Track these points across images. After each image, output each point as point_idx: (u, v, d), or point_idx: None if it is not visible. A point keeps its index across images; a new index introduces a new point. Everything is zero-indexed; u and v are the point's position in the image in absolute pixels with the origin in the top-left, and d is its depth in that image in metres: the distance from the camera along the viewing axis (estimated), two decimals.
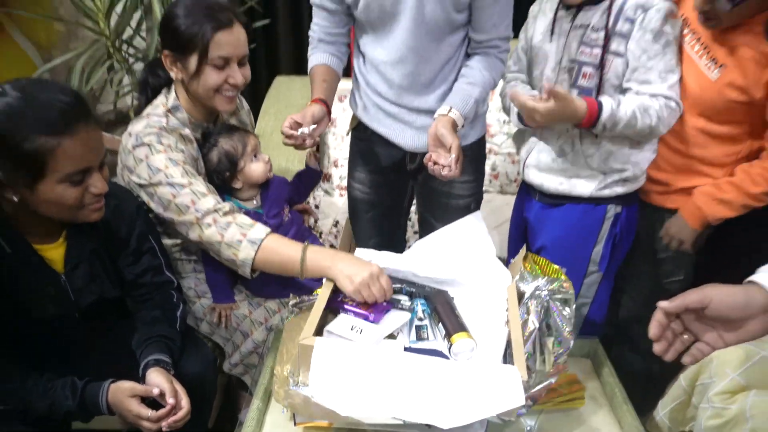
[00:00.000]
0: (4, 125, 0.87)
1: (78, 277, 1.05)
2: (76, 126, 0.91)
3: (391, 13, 1.22)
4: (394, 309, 1.09)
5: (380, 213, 1.50)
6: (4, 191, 0.92)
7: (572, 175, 1.30)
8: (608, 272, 1.37)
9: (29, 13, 1.99)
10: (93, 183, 0.96)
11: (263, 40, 2.32)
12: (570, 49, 1.25)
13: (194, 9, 1.16)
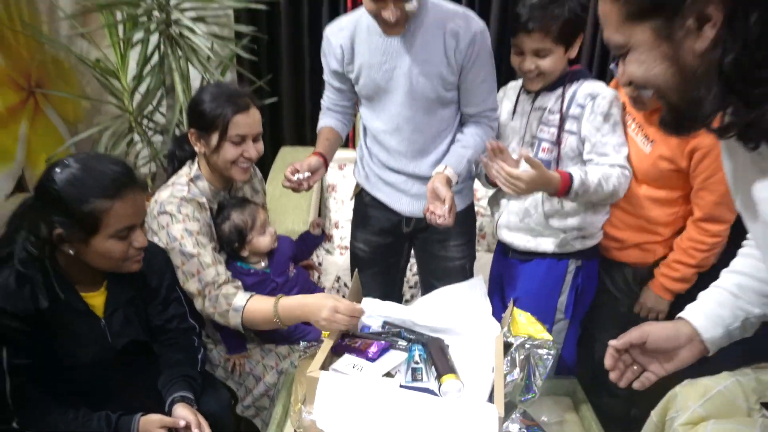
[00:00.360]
0: (68, 191, 1.05)
1: (115, 322, 1.18)
2: (125, 191, 1.08)
3: (386, 89, 1.41)
4: (392, 349, 1.23)
5: (379, 270, 1.64)
6: (63, 246, 1.08)
7: (537, 234, 1.47)
8: (574, 319, 1.52)
9: (62, 92, 2.22)
10: (136, 238, 1.12)
11: (270, 115, 2.55)
12: (531, 127, 1.44)
13: (218, 95, 1.35)
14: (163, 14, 2.06)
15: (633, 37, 0.66)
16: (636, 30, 0.65)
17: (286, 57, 2.45)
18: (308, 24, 2.41)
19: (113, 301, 1.18)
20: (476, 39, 1.34)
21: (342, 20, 1.46)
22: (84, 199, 1.04)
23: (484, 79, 1.41)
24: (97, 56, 2.28)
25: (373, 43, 1.38)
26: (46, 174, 1.08)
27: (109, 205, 1.06)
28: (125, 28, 2.13)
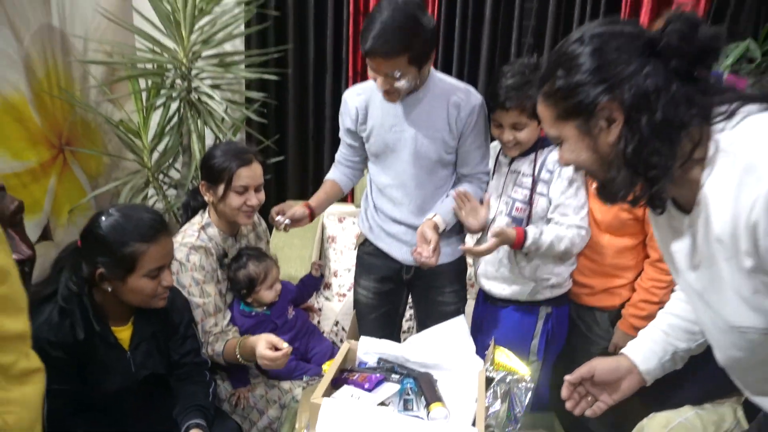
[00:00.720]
0: (112, 235, 1.23)
1: (139, 354, 1.32)
2: (159, 236, 1.26)
3: (393, 148, 1.57)
4: (386, 381, 1.37)
5: (379, 315, 1.77)
6: (103, 283, 1.24)
7: (511, 283, 1.61)
8: (546, 361, 1.65)
9: (88, 149, 2.42)
10: (164, 277, 1.29)
11: (276, 172, 2.77)
12: (507, 188, 1.60)
13: (227, 152, 1.57)
14: (185, 83, 2.30)
15: (563, 132, 0.83)
16: (565, 127, 0.83)
17: (292, 120, 2.69)
18: (313, 91, 2.66)
19: (138, 335, 1.33)
20: (475, 110, 1.53)
21: (360, 86, 1.64)
22: (125, 242, 1.22)
23: (480, 145, 1.58)
24: (120, 117, 2.51)
25: (385, 107, 1.55)
26: (93, 221, 1.26)
27: (146, 248, 1.23)
28: (149, 95, 2.36)
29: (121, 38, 2.51)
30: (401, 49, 1.35)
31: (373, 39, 1.34)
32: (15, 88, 2.00)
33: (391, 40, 1.34)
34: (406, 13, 1.35)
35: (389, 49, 1.35)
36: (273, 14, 2.52)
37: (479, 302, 1.79)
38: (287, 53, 2.58)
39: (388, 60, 1.37)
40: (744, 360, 0.85)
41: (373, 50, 1.36)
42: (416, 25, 1.36)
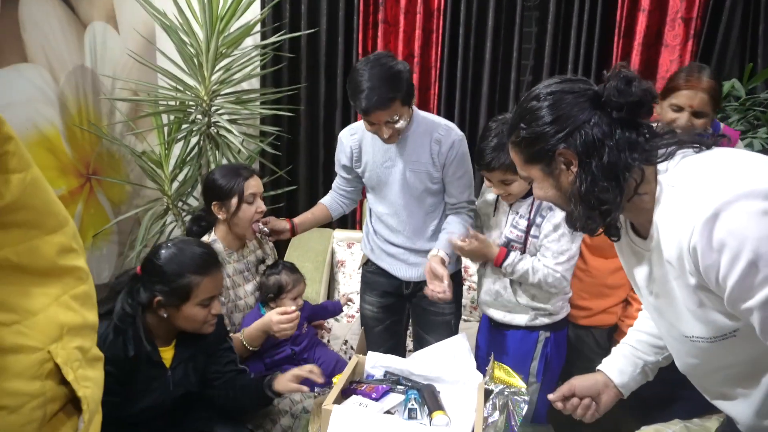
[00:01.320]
0: (170, 267, 1.34)
1: (178, 373, 1.42)
2: (212, 269, 1.39)
3: (385, 182, 1.75)
4: (392, 392, 1.47)
5: (384, 328, 1.91)
6: (159, 309, 1.36)
7: (509, 310, 1.69)
8: (544, 383, 1.70)
9: (113, 178, 2.59)
10: (214, 306, 1.40)
11: (288, 201, 2.92)
12: (506, 226, 1.66)
13: (226, 172, 1.73)
14: (205, 118, 2.48)
15: (531, 173, 0.96)
16: (532, 169, 0.96)
17: (303, 152, 2.86)
18: (323, 126, 2.84)
19: (179, 356, 1.44)
20: (455, 145, 1.68)
21: (353, 126, 1.80)
22: (182, 273, 1.34)
23: (461, 176, 1.72)
24: (143, 149, 2.68)
25: (376, 146, 1.72)
26: (153, 252, 1.38)
27: (200, 279, 1.35)
28: (171, 129, 2.54)
29: (145, 77, 2.71)
30: (393, 95, 1.51)
31: (367, 98, 1.50)
32: (50, 123, 2.17)
33: (382, 92, 1.50)
34: (382, 65, 1.52)
35: (384, 100, 1.50)
36: (287, 56, 2.72)
37: (482, 326, 1.87)
38: (300, 91, 2.77)
39: (386, 109, 1.52)
40: (699, 367, 0.95)
41: (370, 107, 1.51)
42: (396, 71, 1.53)
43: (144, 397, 1.37)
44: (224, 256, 1.73)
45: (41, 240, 0.60)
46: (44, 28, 2.10)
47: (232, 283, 1.76)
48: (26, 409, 0.58)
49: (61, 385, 0.64)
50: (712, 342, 0.87)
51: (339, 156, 1.82)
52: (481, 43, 2.68)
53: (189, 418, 1.52)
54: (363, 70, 1.53)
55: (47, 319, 0.62)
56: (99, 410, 0.71)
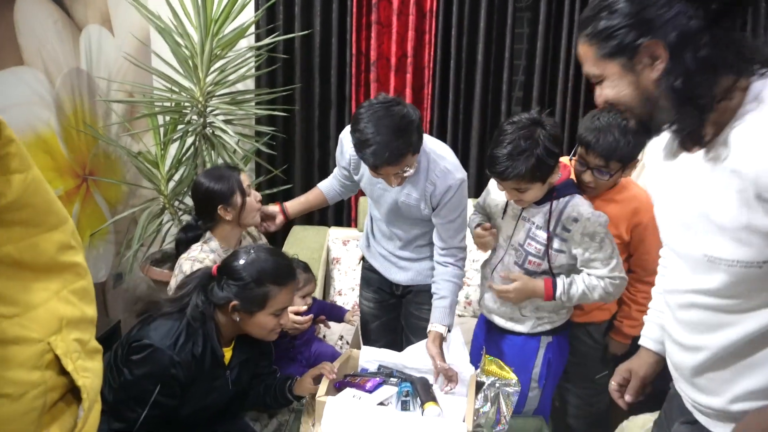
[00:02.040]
0: (251, 274, 1.35)
1: (235, 373, 1.45)
2: (289, 281, 1.41)
3: (377, 200, 1.71)
4: (385, 384, 1.51)
5: (382, 322, 1.94)
6: (233, 314, 1.37)
7: (510, 318, 1.65)
8: (546, 387, 1.68)
9: (110, 179, 2.61)
10: (284, 317, 1.43)
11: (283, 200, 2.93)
12: (518, 235, 1.56)
13: (216, 176, 1.71)
14: (201, 119, 2.50)
15: (606, 70, 0.88)
16: (608, 65, 0.87)
17: (299, 151, 2.89)
18: (318, 125, 2.87)
19: (237, 357, 1.47)
20: (450, 190, 1.57)
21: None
22: (261, 282, 1.36)
23: (453, 220, 1.62)
24: (139, 149, 2.71)
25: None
26: (233, 257, 1.40)
27: (278, 290, 1.37)
28: (167, 130, 2.56)
29: (140, 79, 2.74)
30: (405, 149, 1.42)
31: (376, 155, 1.39)
32: (46, 125, 2.20)
33: (393, 147, 1.38)
34: (392, 116, 1.40)
35: (395, 156, 1.41)
36: (282, 57, 2.74)
37: (480, 325, 1.84)
38: (294, 91, 2.79)
39: (396, 165, 1.44)
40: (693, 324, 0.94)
41: (380, 163, 1.42)
42: (407, 122, 1.41)
43: (205, 397, 1.38)
44: (220, 253, 1.76)
45: (41, 237, 0.63)
46: (39, 31, 2.12)
47: None
48: (28, 397, 0.61)
49: (60, 375, 0.67)
50: (730, 266, 0.84)
51: (339, 156, 1.77)
52: (473, 43, 2.71)
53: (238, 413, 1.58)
54: (370, 121, 1.40)
55: (47, 312, 0.65)
56: (98, 400, 0.74)
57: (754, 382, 0.88)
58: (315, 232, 2.72)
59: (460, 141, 2.83)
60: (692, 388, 1.00)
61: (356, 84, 2.80)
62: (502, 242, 1.63)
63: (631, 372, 1.20)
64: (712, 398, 0.95)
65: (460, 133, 2.83)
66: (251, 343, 1.49)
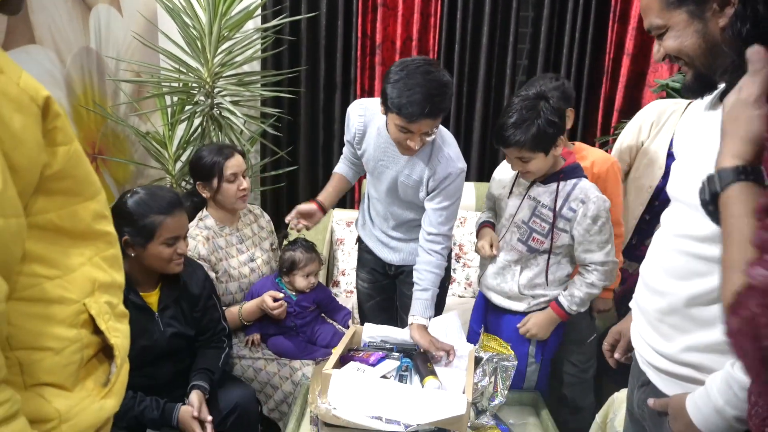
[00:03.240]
0: (135, 208, 1.45)
1: (166, 315, 1.54)
2: (174, 210, 1.49)
3: (378, 176, 1.72)
4: (387, 358, 1.57)
5: (376, 302, 1.99)
6: (128, 249, 1.46)
7: (508, 297, 1.69)
8: (544, 361, 1.74)
9: (118, 158, 2.66)
10: (179, 246, 1.51)
11: (288, 181, 3.00)
12: (522, 213, 1.61)
13: (211, 151, 1.81)
14: (208, 100, 2.54)
15: (671, 19, 0.87)
16: (674, 14, 0.86)
17: (304, 133, 2.93)
18: (323, 107, 2.90)
19: (164, 300, 1.55)
20: (449, 177, 1.60)
21: (363, 105, 1.70)
22: (146, 214, 1.45)
23: (445, 207, 1.64)
24: (147, 129, 2.75)
25: (378, 142, 1.67)
26: (120, 198, 1.50)
27: (163, 218, 1.46)
28: (175, 110, 2.60)
29: (148, 59, 2.76)
30: (443, 107, 1.47)
31: (420, 105, 1.41)
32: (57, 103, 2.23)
33: (436, 101, 1.42)
34: (435, 74, 1.44)
35: (436, 110, 1.44)
36: (288, 39, 2.77)
37: (479, 303, 1.88)
38: (300, 73, 2.83)
39: (434, 119, 1.46)
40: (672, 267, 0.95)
41: (422, 114, 1.42)
42: (446, 83, 1.46)
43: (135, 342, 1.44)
44: (216, 230, 1.82)
45: (80, 206, 0.69)
46: (51, 10, 2.15)
47: (224, 254, 1.85)
48: (67, 351, 0.67)
49: (94, 334, 0.73)
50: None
51: (347, 129, 1.77)
52: (478, 27, 2.73)
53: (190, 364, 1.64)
54: (412, 74, 1.42)
55: (82, 276, 0.70)
56: (127, 359, 0.80)
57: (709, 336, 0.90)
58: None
59: (462, 125, 2.87)
60: (652, 331, 1.02)
61: (361, 67, 2.82)
62: (505, 221, 1.68)
63: (621, 333, 1.24)
64: (668, 344, 0.97)
65: (463, 116, 2.87)
66: (177, 285, 1.57)
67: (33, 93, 0.62)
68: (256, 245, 1.96)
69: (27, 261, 0.63)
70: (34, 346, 0.64)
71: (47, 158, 0.63)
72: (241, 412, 1.55)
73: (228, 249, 1.87)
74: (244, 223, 1.95)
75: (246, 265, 1.90)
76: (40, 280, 0.65)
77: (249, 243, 1.94)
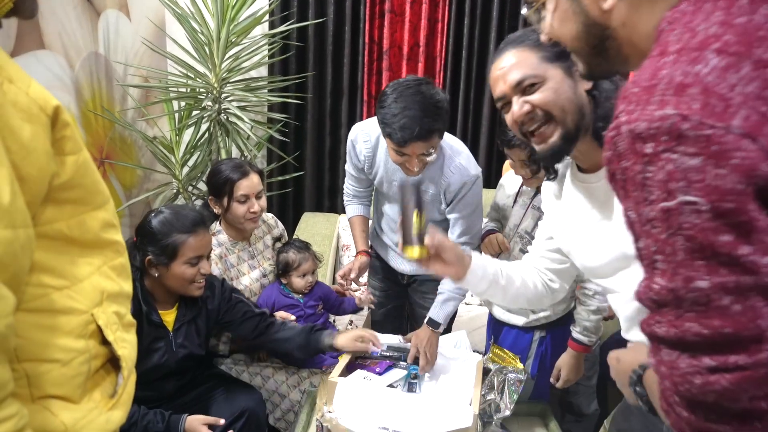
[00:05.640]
0: (159, 228, 1.45)
1: (180, 335, 1.53)
2: (198, 229, 1.48)
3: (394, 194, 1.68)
4: (395, 367, 1.56)
5: (388, 310, 1.98)
6: (151, 269, 1.46)
7: (508, 310, 1.69)
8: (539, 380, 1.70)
9: (126, 162, 2.66)
10: (203, 266, 1.50)
11: (295, 187, 2.99)
12: (526, 223, 1.60)
13: (229, 167, 1.77)
14: (216, 105, 2.54)
15: (548, 72, 0.90)
16: (550, 68, 0.90)
17: (311, 139, 2.93)
18: (330, 113, 2.90)
19: (180, 319, 1.54)
20: (465, 186, 1.58)
21: (365, 130, 1.67)
22: (169, 233, 1.44)
23: (465, 216, 1.63)
24: (154, 134, 2.75)
25: (388, 162, 1.63)
26: (145, 218, 1.49)
27: (185, 238, 1.45)
28: (182, 115, 2.61)
29: (156, 64, 2.77)
30: (436, 126, 1.42)
31: (407, 129, 1.38)
32: (66, 108, 2.23)
33: (424, 123, 1.38)
34: (423, 93, 1.41)
35: (425, 132, 1.39)
36: (295, 45, 2.77)
37: (489, 319, 1.89)
38: (307, 79, 2.83)
39: (426, 142, 1.42)
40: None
41: (409, 138, 1.39)
42: (438, 100, 1.42)
43: (147, 358, 1.46)
44: (228, 246, 1.81)
45: (89, 215, 0.68)
46: (60, 15, 2.16)
47: (236, 273, 1.83)
48: (75, 363, 0.66)
49: (102, 345, 0.72)
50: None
51: (351, 158, 1.74)
52: (485, 33, 2.73)
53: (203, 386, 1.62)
54: (400, 97, 1.40)
55: (91, 285, 0.69)
56: (134, 370, 0.79)
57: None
58: (325, 218, 2.77)
59: (470, 131, 2.86)
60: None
61: (368, 72, 2.82)
62: (509, 231, 1.68)
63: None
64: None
65: (470, 123, 2.86)
66: (195, 304, 1.56)
67: (42, 102, 0.61)
68: (267, 259, 1.94)
69: (35, 271, 0.62)
70: (41, 358, 0.63)
71: (56, 168, 0.62)
72: (250, 416, 1.54)
73: (240, 266, 1.86)
74: (257, 236, 1.93)
75: (258, 281, 1.89)
76: (48, 291, 0.64)
77: (260, 258, 1.92)
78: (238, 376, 1.77)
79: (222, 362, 1.82)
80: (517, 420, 1.62)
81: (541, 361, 1.71)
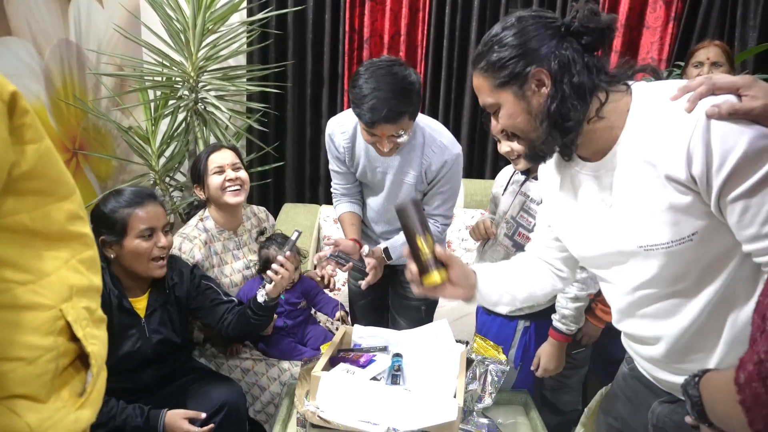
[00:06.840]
0: (106, 207, 1.44)
1: (153, 321, 1.51)
2: (144, 201, 1.46)
3: (375, 184, 1.71)
4: (377, 359, 1.54)
5: (368, 302, 1.97)
6: (107, 250, 1.43)
7: None
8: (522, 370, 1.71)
9: (100, 153, 2.59)
10: (158, 239, 1.47)
11: (275, 177, 2.95)
12: (513, 209, 1.61)
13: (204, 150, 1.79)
14: (192, 94, 2.48)
15: (501, 98, 0.96)
16: (502, 94, 0.95)
17: (291, 129, 2.89)
18: (310, 102, 2.86)
19: (152, 305, 1.52)
20: (445, 165, 1.60)
21: (343, 120, 1.66)
22: (116, 209, 1.43)
23: (443, 192, 1.66)
24: (129, 124, 2.68)
25: (370, 150, 1.63)
26: (97, 204, 1.48)
27: (132, 210, 1.44)
28: (158, 105, 2.54)
29: (130, 52, 2.70)
30: (404, 109, 1.40)
31: (374, 110, 1.38)
32: (36, 97, 2.17)
33: (392, 105, 1.37)
34: (394, 74, 1.40)
35: (393, 114, 1.39)
36: (274, 33, 2.72)
37: (478, 307, 1.89)
38: (287, 68, 2.78)
39: (393, 124, 1.41)
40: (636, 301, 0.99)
41: (377, 119, 1.39)
42: (408, 83, 1.41)
43: (120, 345, 1.44)
44: (214, 233, 1.78)
45: (53, 207, 0.65)
46: (28, 0, 2.08)
47: (219, 261, 1.81)
48: (41, 361, 0.63)
49: (70, 341, 0.69)
50: (667, 248, 0.90)
51: (331, 152, 1.72)
52: (466, 22, 2.71)
53: (183, 379, 1.59)
54: (371, 78, 1.39)
55: (58, 280, 0.66)
56: (104, 367, 0.76)
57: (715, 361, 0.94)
58: (306, 209, 2.74)
59: (451, 120, 2.84)
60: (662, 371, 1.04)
61: (349, 61, 2.78)
62: (498, 218, 1.68)
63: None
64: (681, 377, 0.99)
65: (452, 111, 2.84)
66: (165, 290, 1.56)
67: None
68: (253, 252, 1.91)
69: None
70: (4, 356, 0.60)
71: (15, 157, 0.59)
72: (230, 409, 1.52)
73: (223, 255, 1.83)
74: (245, 228, 1.90)
75: (240, 272, 1.86)
76: (11, 286, 0.61)
77: (246, 249, 1.90)
78: (218, 369, 1.75)
79: (201, 355, 1.79)
80: (499, 409, 1.63)
81: (525, 350, 1.72)
